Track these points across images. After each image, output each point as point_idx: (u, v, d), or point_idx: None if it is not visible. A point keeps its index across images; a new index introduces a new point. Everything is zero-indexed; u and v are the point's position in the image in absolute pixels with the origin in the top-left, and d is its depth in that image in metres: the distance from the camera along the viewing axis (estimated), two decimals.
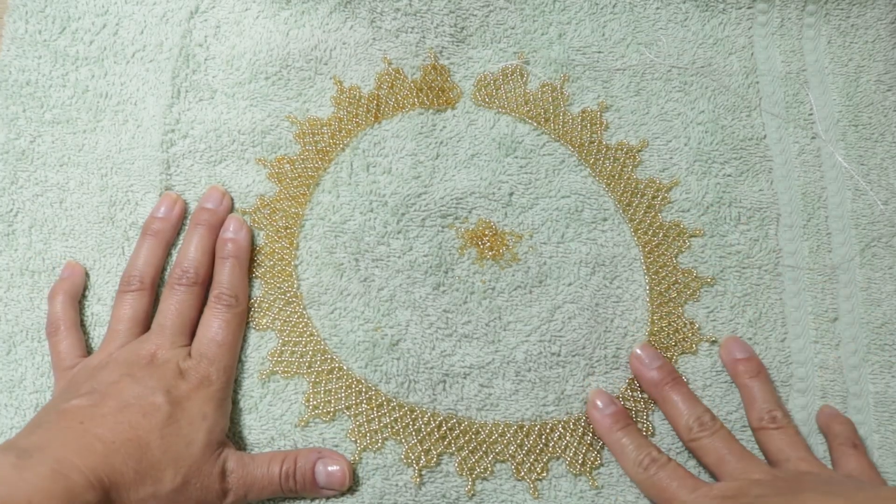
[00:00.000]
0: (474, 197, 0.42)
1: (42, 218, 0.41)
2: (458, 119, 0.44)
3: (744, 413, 0.39)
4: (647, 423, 0.39)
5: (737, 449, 0.36)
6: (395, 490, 0.37)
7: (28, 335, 0.39)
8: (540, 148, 0.43)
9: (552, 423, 0.39)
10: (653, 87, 0.45)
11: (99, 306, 0.40)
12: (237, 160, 0.42)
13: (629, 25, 0.46)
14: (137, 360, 0.35)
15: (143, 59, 0.43)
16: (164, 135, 0.42)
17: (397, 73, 0.44)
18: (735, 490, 0.34)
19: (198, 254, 0.38)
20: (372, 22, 0.44)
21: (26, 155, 0.42)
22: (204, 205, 0.40)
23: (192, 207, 0.41)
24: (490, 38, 0.45)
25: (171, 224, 0.40)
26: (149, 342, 0.36)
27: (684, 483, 0.35)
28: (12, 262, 0.40)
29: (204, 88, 0.43)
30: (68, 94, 0.43)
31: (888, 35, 0.46)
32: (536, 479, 0.38)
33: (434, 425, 0.38)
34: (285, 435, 0.38)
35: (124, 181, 0.42)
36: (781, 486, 0.33)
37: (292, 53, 0.43)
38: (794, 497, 0.32)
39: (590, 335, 0.40)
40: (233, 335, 0.37)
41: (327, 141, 0.43)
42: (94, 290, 0.40)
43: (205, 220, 0.40)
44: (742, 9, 0.46)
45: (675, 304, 0.41)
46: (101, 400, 0.33)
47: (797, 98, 0.45)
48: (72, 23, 0.44)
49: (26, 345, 0.39)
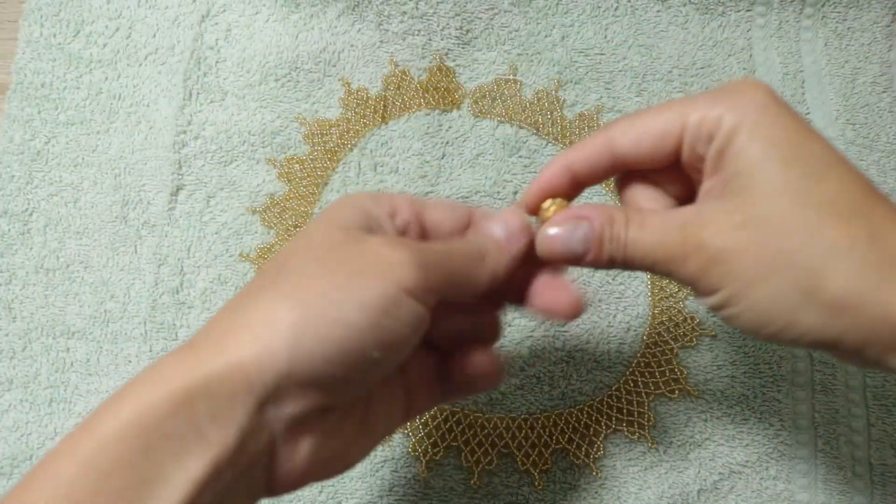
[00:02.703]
0: (480, 195, 0.43)
1: (56, 217, 0.42)
2: (463, 119, 0.45)
3: (743, 407, 0.40)
4: (647, 414, 0.40)
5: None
6: (403, 482, 0.38)
7: (43, 332, 0.40)
8: (542, 148, 0.44)
9: (555, 415, 0.40)
10: (654, 88, 0.46)
11: (112, 303, 0.41)
12: (247, 160, 0.43)
13: (631, 28, 0.47)
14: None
15: (155, 61, 0.44)
16: (176, 136, 0.43)
17: (404, 74, 0.45)
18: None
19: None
20: (379, 25, 0.45)
21: (41, 155, 0.43)
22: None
23: (201, 207, 0.42)
24: (495, 41, 0.46)
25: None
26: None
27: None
28: (27, 261, 0.41)
29: (215, 90, 0.44)
30: (82, 95, 0.44)
31: (884, 38, 0.47)
32: (541, 470, 0.39)
33: (441, 419, 0.39)
34: None
35: (137, 181, 0.42)
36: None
37: (301, 56, 0.44)
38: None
39: (593, 330, 0.41)
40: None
41: (336, 141, 0.43)
42: (108, 288, 0.41)
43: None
44: (741, 11, 0.47)
45: (675, 298, 0.42)
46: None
47: (794, 98, 0.46)
48: (86, 26, 0.45)
49: (41, 341, 0.40)
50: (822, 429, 0.40)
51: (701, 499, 0.39)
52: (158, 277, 0.41)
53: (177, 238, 0.42)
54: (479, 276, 0.25)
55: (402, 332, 0.22)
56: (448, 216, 0.27)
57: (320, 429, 0.23)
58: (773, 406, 0.40)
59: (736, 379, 0.41)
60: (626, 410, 0.40)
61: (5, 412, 0.39)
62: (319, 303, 0.22)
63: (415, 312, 0.23)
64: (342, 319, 0.21)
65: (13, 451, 0.38)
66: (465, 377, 0.27)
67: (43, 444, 0.38)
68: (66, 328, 0.40)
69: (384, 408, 0.26)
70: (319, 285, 0.22)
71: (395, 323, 0.22)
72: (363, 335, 0.22)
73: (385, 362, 0.23)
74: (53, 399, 0.39)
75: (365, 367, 0.22)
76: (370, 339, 0.22)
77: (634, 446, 0.39)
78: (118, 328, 0.40)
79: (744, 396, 0.40)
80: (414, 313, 0.23)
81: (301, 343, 0.21)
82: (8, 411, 0.39)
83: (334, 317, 0.21)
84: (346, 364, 0.22)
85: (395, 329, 0.22)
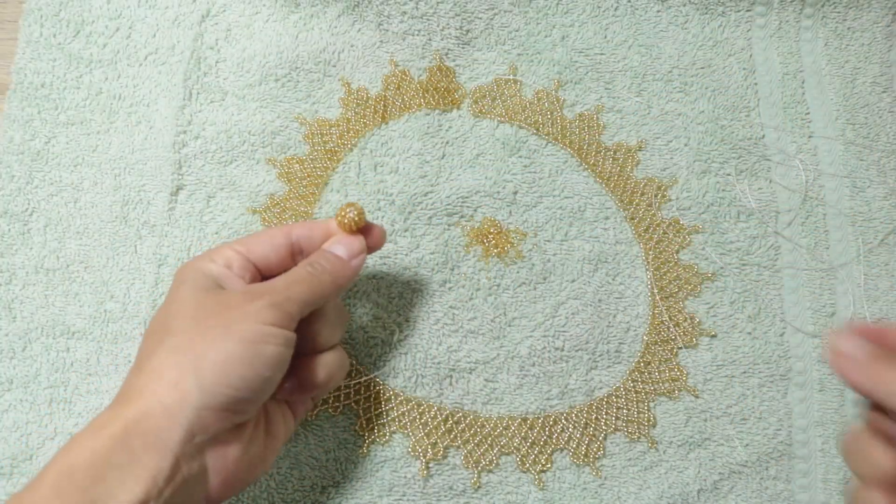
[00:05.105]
0: (479, 196, 0.43)
1: (57, 217, 0.42)
2: (463, 119, 0.45)
3: (743, 407, 0.40)
4: (647, 414, 0.40)
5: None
6: (402, 482, 0.38)
7: (43, 332, 0.40)
8: (543, 148, 0.44)
9: (555, 415, 0.40)
10: (654, 88, 0.46)
11: (112, 303, 0.41)
12: (247, 160, 0.43)
13: (631, 28, 0.47)
14: None
15: (155, 61, 0.44)
16: (175, 136, 0.43)
17: (404, 74, 0.45)
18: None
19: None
20: (379, 25, 0.45)
21: (41, 155, 0.43)
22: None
23: (201, 208, 0.42)
24: (494, 41, 0.46)
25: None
26: None
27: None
28: (27, 261, 0.41)
29: (215, 90, 0.44)
30: (82, 96, 0.44)
31: (883, 38, 0.47)
32: (541, 470, 0.39)
33: (440, 419, 0.39)
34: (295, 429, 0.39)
35: (137, 181, 0.42)
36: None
37: (301, 56, 0.44)
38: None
39: (593, 330, 0.41)
40: None
41: (336, 141, 0.43)
42: (108, 288, 0.41)
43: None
44: (741, 11, 0.47)
45: (675, 298, 0.42)
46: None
47: (794, 98, 0.46)
48: (86, 26, 0.45)
49: (41, 341, 0.40)
50: (822, 429, 0.40)
51: (701, 499, 0.39)
52: (158, 277, 0.41)
53: (177, 238, 0.42)
54: (325, 291, 0.32)
55: (279, 351, 0.29)
56: (269, 250, 0.33)
57: (239, 441, 0.29)
58: (773, 406, 0.40)
59: (736, 379, 0.41)
60: (626, 410, 0.40)
61: (5, 412, 0.39)
62: (209, 349, 0.28)
63: (283, 335, 0.29)
64: (231, 356, 0.28)
65: (13, 451, 0.38)
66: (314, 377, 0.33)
67: (43, 444, 0.38)
68: (66, 328, 0.40)
69: (279, 416, 0.33)
70: (203, 338, 0.28)
71: (271, 347, 0.29)
72: (252, 362, 0.28)
73: (274, 377, 0.30)
74: (53, 399, 0.39)
75: (260, 384, 0.29)
76: (258, 364, 0.28)
77: (634, 446, 0.39)
78: (118, 328, 0.40)
79: (744, 396, 0.40)
80: (282, 336, 0.29)
81: (205, 380, 0.27)
82: (8, 411, 0.39)
83: (225, 356, 0.28)
84: (246, 386, 0.28)
85: (272, 351, 0.29)
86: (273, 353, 0.29)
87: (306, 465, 0.38)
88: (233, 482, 0.30)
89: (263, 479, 0.38)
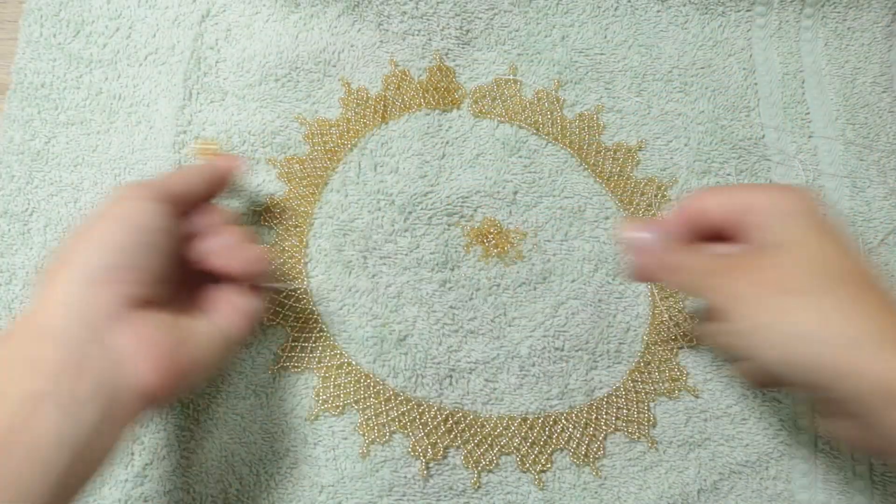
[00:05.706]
0: (479, 196, 0.43)
1: (57, 217, 0.42)
2: (463, 119, 0.45)
3: (743, 407, 0.40)
4: (647, 414, 0.40)
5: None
6: (402, 482, 0.38)
7: None
8: (542, 148, 0.44)
9: (555, 415, 0.40)
10: (654, 88, 0.46)
11: None
12: (247, 160, 0.43)
13: (631, 28, 0.47)
14: None
15: (155, 61, 0.44)
16: (176, 136, 0.43)
17: (404, 74, 0.45)
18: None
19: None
20: (379, 25, 0.45)
21: (41, 156, 0.43)
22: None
23: None
24: (494, 41, 0.46)
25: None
26: None
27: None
28: (27, 261, 0.41)
29: (215, 90, 0.44)
30: (82, 96, 0.44)
31: (883, 38, 0.47)
32: (541, 470, 0.39)
33: (441, 419, 0.39)
34: (295, 428, 0.39)
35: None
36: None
37: (301, 56, 0.44)
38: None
39: (593, 330, 0.41)
40: None
41: (336, 141, 0.44)
42: None
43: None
44: (741, 12, 0.47)
45: (675, 298, 0.42)
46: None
47: (794, 98, 0.46)
48: (86, 26, 0.45)
49: None
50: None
51: (701, 499, 0.39)
52: None
53: None
54: (198, 189, 0.35)
55: (144, 207, 0.31)
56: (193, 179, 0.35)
57: (155, 323, 0.30)
58: (773, 406, 0.40)
59: (736, 379, 0.41)
60: (626, 410, 0.40)
61: None
62: (88, 238, 0.30)
63: (151, 202, 0.31)
64: (106, 230, 0.30)
65: None
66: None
67: None
68: None
69: (224, 303, 0.34)
70: (90, 243, 0.30)
71: (137, 214, 0.30)
72: (122, 226, 0.30)
73: (157, 248, 0.31)
74: None
75: (134, 248, 0.30)
76: (129, 227, 0.30)
77: (634, 446, 0.40)
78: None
79: (744, 396, 0.40)
80: (150, 203, 0.31)
81: (84, 258, 0.29)
82: None
83: (100, 232, 0.30)
84: (121, 250, 0.29)
85: (138, 210, 0.31)
86: (139, 213, 0.30)
87: (306, 464, 0.38)
88: (172, 371, 0.29)
89: (263, 478, 0.38)
